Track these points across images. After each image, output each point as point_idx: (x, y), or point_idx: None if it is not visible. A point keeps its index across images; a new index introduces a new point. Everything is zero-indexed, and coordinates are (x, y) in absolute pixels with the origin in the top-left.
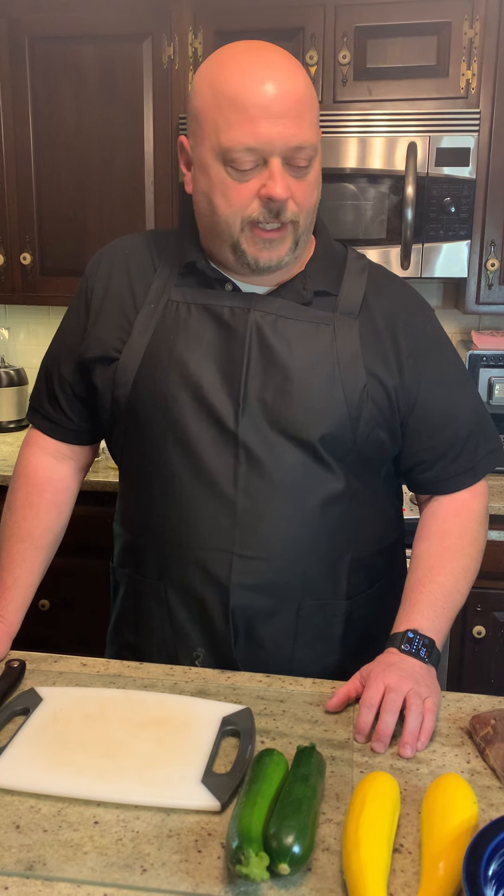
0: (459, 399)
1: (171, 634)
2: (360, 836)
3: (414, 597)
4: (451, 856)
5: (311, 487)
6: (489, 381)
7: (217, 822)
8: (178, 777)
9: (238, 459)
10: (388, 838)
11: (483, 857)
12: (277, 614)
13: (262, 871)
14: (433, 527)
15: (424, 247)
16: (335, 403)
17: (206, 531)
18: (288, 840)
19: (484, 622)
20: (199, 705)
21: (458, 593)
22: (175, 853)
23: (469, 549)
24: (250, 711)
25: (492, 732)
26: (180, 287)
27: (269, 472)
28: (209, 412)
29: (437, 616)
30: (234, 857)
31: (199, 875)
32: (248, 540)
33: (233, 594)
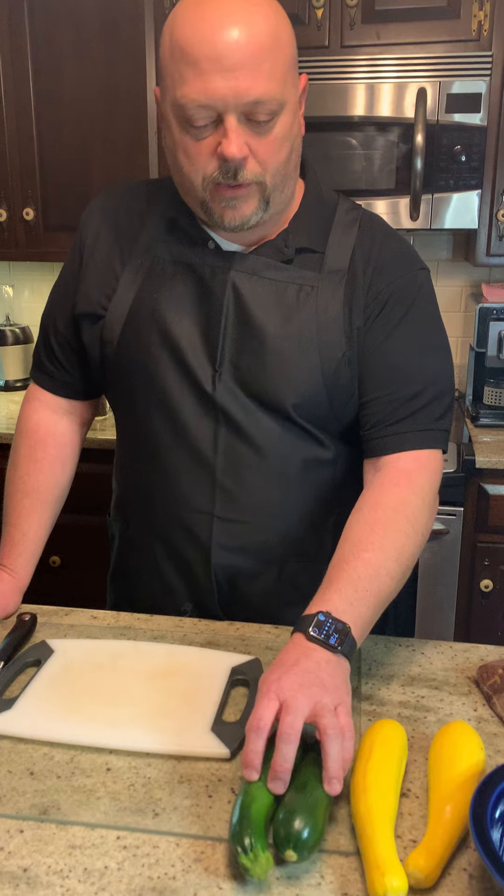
0: (411, 359)
1: (160, 589)
2: (368, 781)
3: (334, 574)
4: (458, 799)
5: (291, 452)
6: (499, 334)
7: (227, 768)
8: (188, 725)
9: (217, 423)
10: (395, 783)
11: (490, 799)
12: (260, 575)
13: (264, 873)
14: (367, 497)
15: (434, 197)
16: (310, 372)
17: (186, 492)
18: (296, 826)
19: (491, 576)
20: (208, 656)
21: (388, 576)
22: (186, 798)
23: (404, 526)
24: (259, 662)
25: (499, 681)
26: (166, 243)
27: (248, 436)
28: (188, 375)
29: (358, 599)
30: (239, 841)
31: (210, 819)
32: (228, 503)
33: (214, 554)
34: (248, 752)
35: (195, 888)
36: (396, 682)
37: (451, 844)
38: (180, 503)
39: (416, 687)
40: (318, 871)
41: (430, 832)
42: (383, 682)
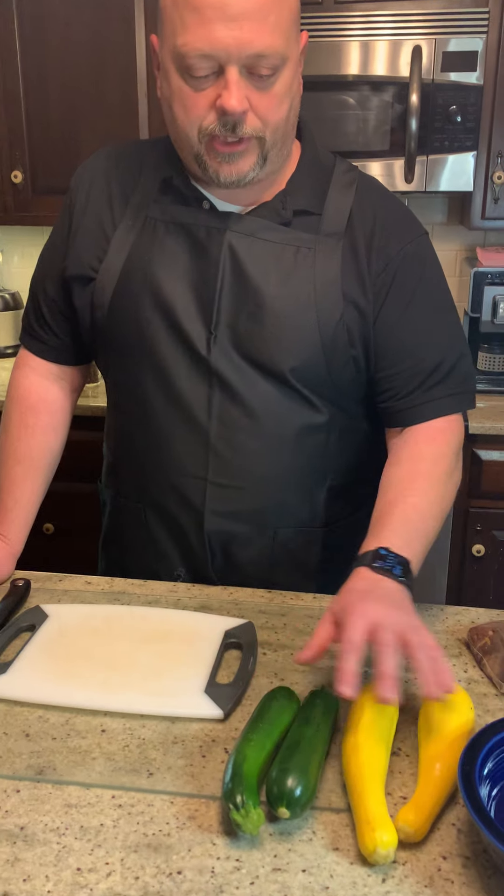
0: (432, 327)
1: (152, 554)
2: (360, 740)
3: (385, 518)
4: (448, 757)
5: (286, 417)
6: (493, 299)
7: (220, 729)
8: (181, 687)
9: (212, 387)
10: (386, 742)
11: (478, 757)
12: (253, 540)
13: (255, 828)
14: (405, 452)
15: (429, 159)
16: (308, 335)
17: (180, 457)
18: (289, 784)
19: (483, 541)
20: (201, 620)
21: (433, 519)
22: (180, 758)
23: (444, 478)
24: (252, 625)
25: (489, 643)
26: (159, 203)
27: (243, 400)
28: (182, 338)
29: (412, 538)
30: (231, 798)
31: (204, 778)
32: (221, 468)
33: (207, 520)
34: (346, 671)
35: (189, 844)
36: None
37: (439, 801)
38: (173, 469)
39: None
40: (311, 828)
41: (420, 789)
42: None
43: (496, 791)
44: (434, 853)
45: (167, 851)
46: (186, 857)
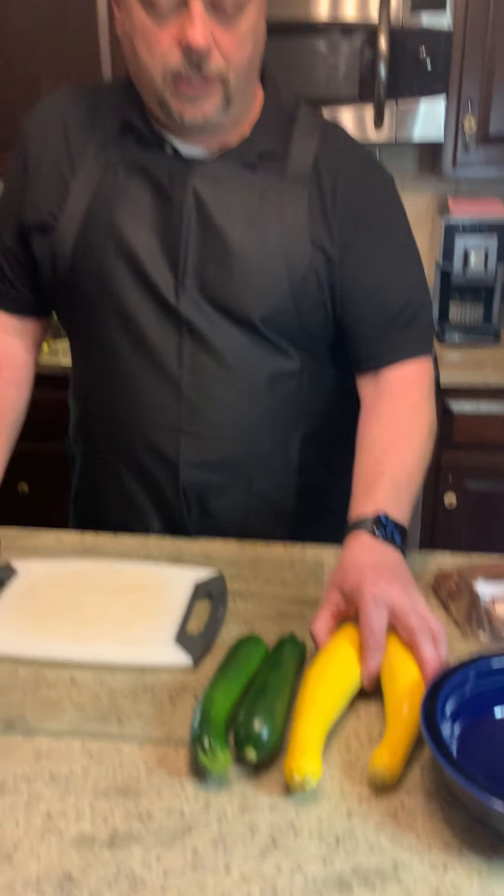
0: (396, 271)
1: (126, 509)
2: (312, 675)
3: (374, 478)
4: (415, 698)
5: (258, 364)
6: (465, 250)
7: (191, 677)
8: (151, 638)
9: (181, 336)
10: (346, 682)
11: (441, 696)
12: (229, 489)
13: (223, 770)
14: (383, 406)
15: (398, 106)
16: (277, 281)
17: (152, 409)
18: (255, 726)
19: (456, 492)
20: (172, 572)
21: (419, 474)
22: (150, 706)
23: (424, 428)
24: (222, 576)
25: (455, 588)
26: (120, 147)
27: (214, 349)
28: (149, 287)
29: (401, 499)
30: (199, 742)
31: (174, 724)
32: (194, 418)
33: (182, 471)
34: (372, 666)
35: (158, 788)
36: None
37: (410, 741)
38: (145, 421)
39: None
40: (278, 768)
41: (390, 730)
42: None
43: (459, 729)
44: (398, 789)
45: (136, 795)
46: (156, 801)
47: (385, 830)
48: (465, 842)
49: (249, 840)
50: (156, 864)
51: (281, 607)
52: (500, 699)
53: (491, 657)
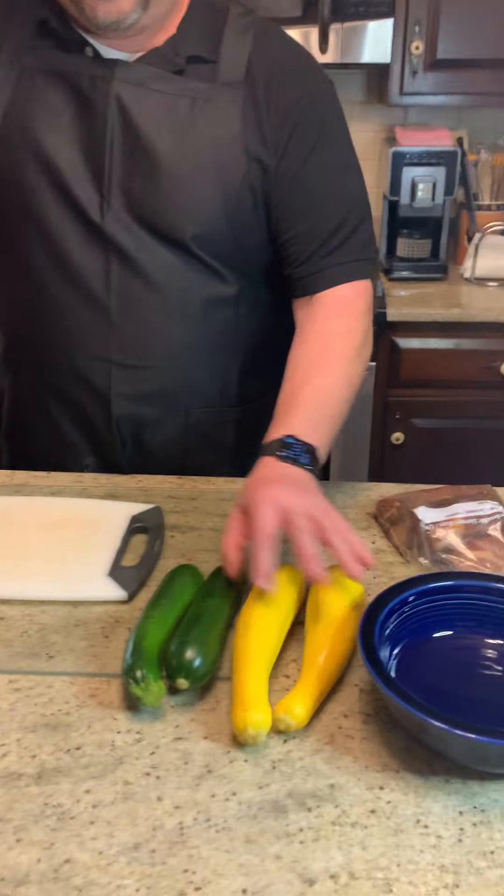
0: (332, 185)
1: (58, 444)
2: (252, 619)
3: (290, 402)
4: (336, 644)
5: (191, 289)
6: (412, 181)
7: (125, 610)
8: (84, 572)
9: (108, 258)
10: (281, 625)
11: (379, 617)
12: (165, 423)
13: (156, 700)
14: (314, 328)
15: (344, 27)
16: (209, 198)
17: (80, 338)
18: (189, 656)
19: (403, 428)
20: (106, 506)
21: (342, 402)
22: (82, 640)
23: (352, 353)
24: (160, 509)
25: (396, 513)
26: (35, 49)
27: (144, 272)
28: (72, 204)
29: (318, 423)
30: (130, 673)
31: (106, 657)
32: (126, 347)
33: (115, 404)
34: (261, 561)
35: (89, 721)
36: None
37: (322, 690)
38: (74, 350)
39: None
40: (214, 697)
41: (303, 678)
42: None
43: (397, 651)
44: (335, 712)
45: (66, 729)
46: (86, 734)
47: (322, 754)
48: (402, 762)
49: (183, 769)
50: (85, 797)
51: (221, 540)
52: (438, 621)
53: (429, 578)
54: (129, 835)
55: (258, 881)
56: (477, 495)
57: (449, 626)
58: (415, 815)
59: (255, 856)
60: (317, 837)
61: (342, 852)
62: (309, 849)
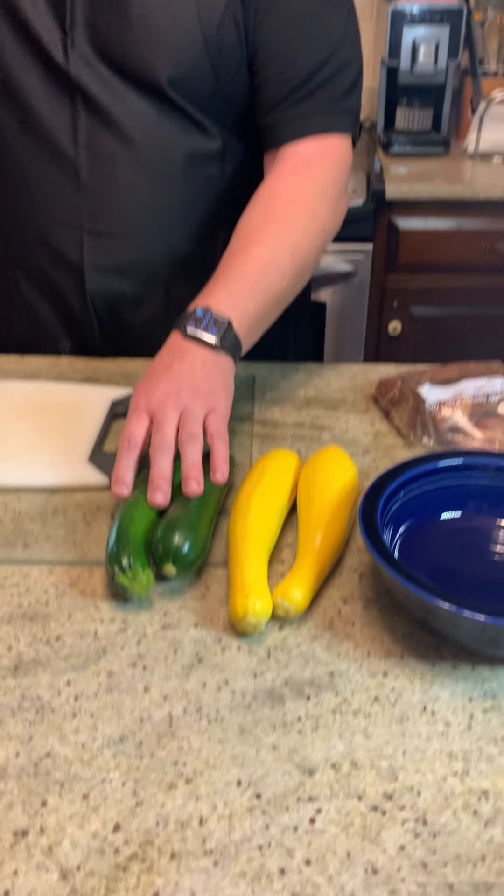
0: (311, 21)
1: (30, 325)
2: (251, 504)
3: (220, 271)
4: (331, 528)
5: (170, 143)
6: (413, 42)
7: (107, 497)
8: (63, 458)
9: (75, 106)
10: (279, 510)
11: (381, 498)
12: (144, 300)
13: (144, 590)
14: (261, 189)
15: None
16: (187, 32)
17: (46, 201)
18: (176, 540)
19: (400, 318)
20: (85, 391)
21: (279, 272)
22: (61, 528)
23: (302, 220)
24: None
25: (397, 394)
26: None
27: (116, 122)
28: (31, 42)
29: (244, 294)
30: (116, 561)
31: (87, 545)
32: (98, 211)
33: (88, 277)
34: (118, 467)
35: (70, 610)
36: (292, 404)
37: (320, 574)
38: (41, 216)
39: (312, 408)
40: (204, 583)
41: (299, 562)
42: (278, 405)
43: (401, 532)
44: (334, 598)
45: (45, 620)
46: (66, 624)
47: (320, 641)
48: (407, 648)
49: (172, 659)
50: (66, 688)
51: None
52: (446, 502)
53: (438, 457)
54: (114, 727)
55: (254, 772)
56: (486, 372)
57: (458, 507)
58: (421, 703)
59: (249, 746)
60: (316, 726)
61: (344, 741)
62: (308, 738)
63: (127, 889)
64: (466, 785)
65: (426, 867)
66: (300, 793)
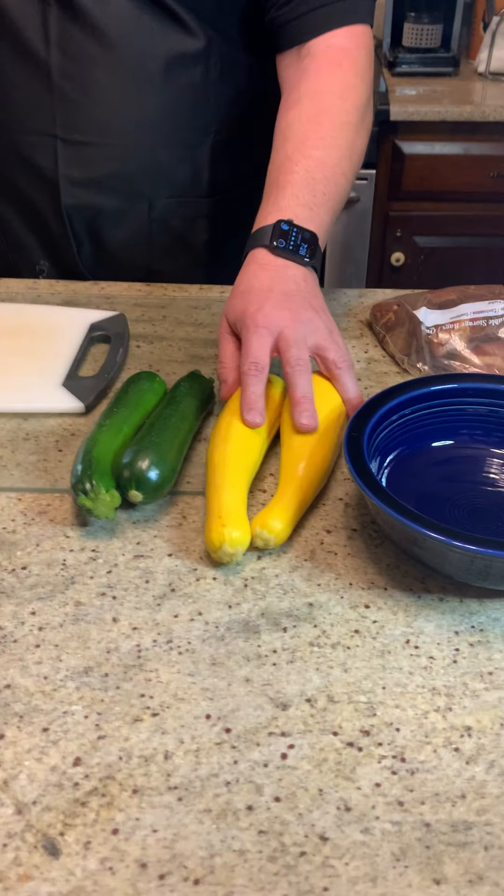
0: None
1: (5, 246)
2: (232, 431)
3: (283, 178)
4: (316, 453)
5: (150, 42)
6: None
7: (81, 423)
8: (35, 382)
9: (46, 0)
10: (263, 439)
11: (368, 425)
12: (125, 217)
13: (109, 510)
14: (304, 87)
15: None
16: None
17: (16, 106)
18: (142, 465)
19: (403, 248)
20: (63, 313)
21: (343, 176)
22: (32, 454)
23: (353, 116)
24: (124, 317)
25: (393, 318)
26: None
27: (89, 18)
28: None
29: (318, 204)
30: (79, 485)
31: (60, 472)
32: (72, 117)
33: (64, 192)
34: (250, 394)
35: (38, 539)
36: None
37: (302, 504)
38: (13, 125)
39: None
40: (180, 512)
41: (281, 490)
42: None
43: (389, 460)
44: (317, 528)
45: (10, 548)
46: (34, 553)
47: (300, 571)
48: (391, 580)
49: (143, 588)
50: (30, 618)
51: (193, 349)
52: (438, 429)
53: (430, 381)
54: (78, 658)
55: (224, 705)
56: (487, 294)
57: (450, 435)
58: (404, 636)
59: (221, 679)
60: (292, 659)
61: (320, 675)
62: (283, 671)
63: (85, 824)
64: (449, 721)
65: (402, 805)
66: (272, 728)
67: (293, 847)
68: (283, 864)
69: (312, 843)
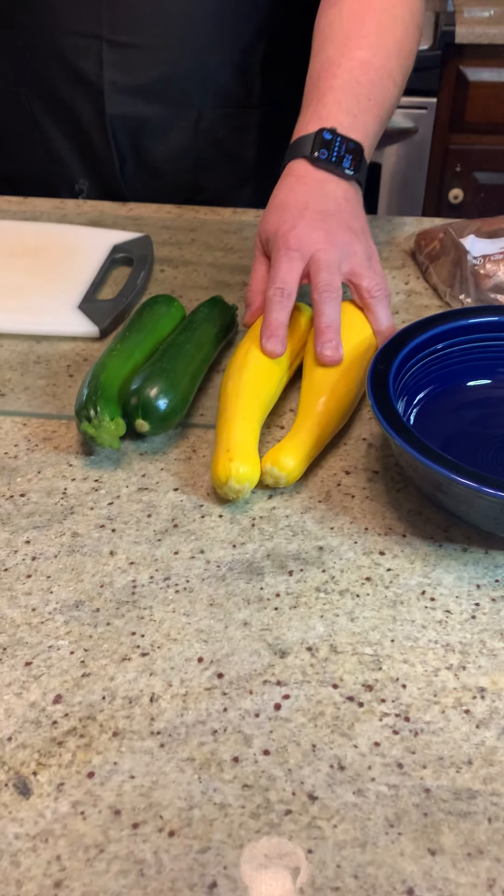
0: None
1: (47, 160)
2: (249, 359)
3: (324, 83)
4: (337, 390)
5: None
6: None
7: (95, 348)
8: (51, 304)
9: None
10: (283, 371)
11: (396, 359)
12: (171, 128)
13: (114, 439)
14: None
15: None
16: None
17: (61, 8)
18: (150, 392)
19: (463, 184)
20: (86, 233)
21: (390, 79)
22: (41, 378)
23: (401, 12)
24: (149, 238)
25: (438, 247)
26: None
27: None
28: None
29: (362, 110)
30: (83, 411)
31: (68, 398)
32: (120, 18)
33: (108, 100)
34: (272, 321)
35: (40, 466)
36: None
37: (319, 440)
38: (56, 24)
39: None
40: (190, 445)
41: (297, 425)
42: None
43: (419, 399)
44: (335, 468)
45: (11, 474)
46: (34, 480)
47: (313, 513)
48: (411, 526)
49: (145, 523)
50: (24, 547)
51: (219, 276)
52: (475, 367)
53: (468, 313)
54: (70, 591)
55: (218, 649)
56: None
57: (488, 374)
58: (420, 586)
59: (217, 621)
60: (295, 604)
61: (325, 622)
62: (284, 616)
63: (60, 765)
64: (461, 681)
65: (401, 768)
66: (268, 675)
67: (279, 804)
68: (266, 822)
69: (300, 802)
